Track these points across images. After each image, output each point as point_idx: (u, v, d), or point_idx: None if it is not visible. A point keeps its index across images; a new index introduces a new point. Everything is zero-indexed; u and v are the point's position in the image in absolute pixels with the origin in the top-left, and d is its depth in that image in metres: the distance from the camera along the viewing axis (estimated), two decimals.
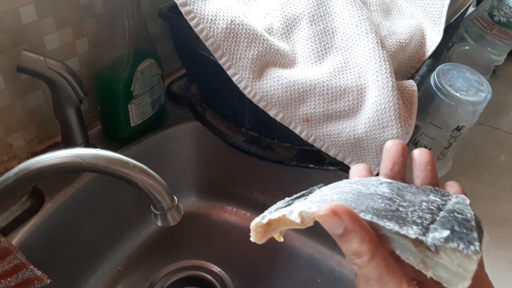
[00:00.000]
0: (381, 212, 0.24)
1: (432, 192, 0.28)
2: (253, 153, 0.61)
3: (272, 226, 0.27)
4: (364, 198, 0.26)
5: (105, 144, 0.62)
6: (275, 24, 0.57)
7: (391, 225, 0.23)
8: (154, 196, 0.44)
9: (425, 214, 0.24)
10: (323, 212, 0.24)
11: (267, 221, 0.27)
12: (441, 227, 0.23)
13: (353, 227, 0.24)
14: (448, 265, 0.22)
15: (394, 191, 0.27)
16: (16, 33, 0.51)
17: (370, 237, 0.24)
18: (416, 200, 0.26)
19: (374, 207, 0.25)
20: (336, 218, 0.24)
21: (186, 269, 0.67)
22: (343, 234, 0.24)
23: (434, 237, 0.22)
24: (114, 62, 0.57)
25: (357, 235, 0.24)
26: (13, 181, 0.42)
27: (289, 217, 0.26)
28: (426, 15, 0.63)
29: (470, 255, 0.22)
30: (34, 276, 0.42)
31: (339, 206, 0.24)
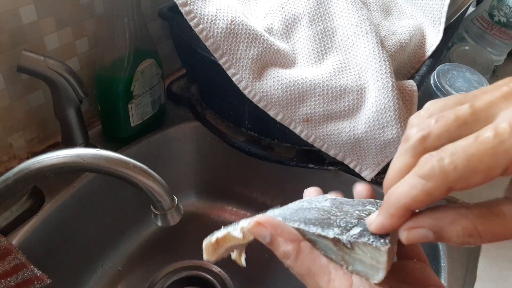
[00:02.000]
0: (310, 220, 0.27)
1: (371, 204, 0.29)
2: (253, 153, 0.61)
3: (220, 243, 0.30)
4: (302, 212, 0.28)
5: (105, 144, 0.62)
6: (275, 24, 0.57)
7: (314, 229, 0.26)
8: (154, 196, 0.44)
9: (352, 219, 0.26)
10: (251, 224, 0.27)
11: (215, 239, 0.30)
12: (358, 226, 0.25)
13: (276, 232, 0.26)
14: (363, 259, 0.24)
15: (334, 205, 0.29)
16: (16, 33, 0.51)
17: (292, 238, 0.26)
18: (351, 210, 0.28)
19: (307, 217, 0.27)
20: (261, 227, 0.27)
21: (186, 269, 0.67)
22: (271, 241, 0.26)
23: (349, 234, 0.25)
24: (114, 62, 0.57)
25: (281, 238, 0.26)
26: (13, 181, 0.42)
27: (233, 233, 0.29)
28: (426, 15, 0.63)
29: (379, 247, 0.24)
30: (34, 276, 0.42)
31: (264, 217, 0.27)
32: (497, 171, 0.20)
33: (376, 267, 0.24)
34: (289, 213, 0.29)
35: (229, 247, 0.30)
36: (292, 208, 0.30)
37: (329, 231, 0.25)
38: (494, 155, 0.19)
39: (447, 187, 0.21)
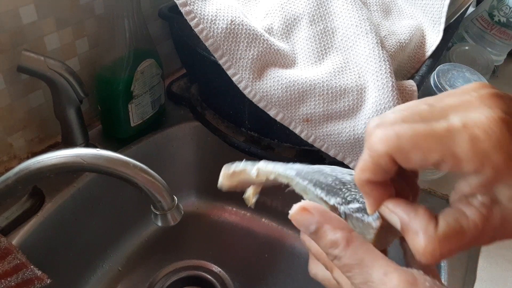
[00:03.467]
0: (321, 184, 0.27)
1: None
2: (253, 153, 0.61)
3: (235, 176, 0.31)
4: (318, 175, 0.28)
5: (105, 144, 0.62)
6: (275, 24, 0.57)
7: (319, 191, 0.26)
8: (154, 196, 0.44)
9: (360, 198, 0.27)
10: (295, 210, 0.25)
11: (232, 171, 0.31)
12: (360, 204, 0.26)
13: (324, 220, 0.25)
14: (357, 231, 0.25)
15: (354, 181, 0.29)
16: (16, 33, 0.51)
17: (342, 225, 0.25)
18: None
19: (319, 180, 0.27)
20: (307, 214, 0.25)
21: (186, 269, 0.67)
22: (317, 229, 0.25)
23: (347, 207, 0.25)
24: (114, 62, 0.57)
25: (329, 226, 0.24)
26: (13, 181, 0.42)
27: (249, 170, 0.30)
28: (426, 15, 0.63)
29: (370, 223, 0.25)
30: (34, 276, 0.42)
31: (309, 203, 0.26)
32: (435, 156, 0.21)
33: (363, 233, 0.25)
34: (305, 171, 0.28)
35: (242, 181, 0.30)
36: (312, 168, 0.30)
37: (332, 198, 0.26)
38: (439, 140, 0.21)
39: (389, 156, 0.22)
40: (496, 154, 0.20)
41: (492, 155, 0.20)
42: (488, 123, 0.20)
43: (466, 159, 0.20)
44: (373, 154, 0.23)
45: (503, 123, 0.20)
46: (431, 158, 0.21)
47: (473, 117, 0.21)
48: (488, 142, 0.20)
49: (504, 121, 0.20)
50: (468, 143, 0.20)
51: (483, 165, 0.20)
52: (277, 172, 0.29)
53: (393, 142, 0.22)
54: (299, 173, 0.28)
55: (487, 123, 0.20)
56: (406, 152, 0.21)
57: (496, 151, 0.20)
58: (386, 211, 0.24)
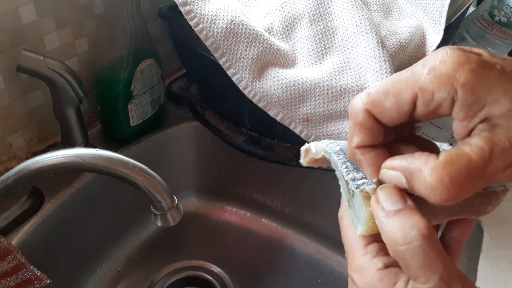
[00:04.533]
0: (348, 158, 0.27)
1: None
2: (253, 153, 0.61)
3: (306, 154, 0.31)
4: None
5: (105, 144, 0.62)
6: (275, 24, 0.57)
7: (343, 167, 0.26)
8: (154, 196, 0.44)
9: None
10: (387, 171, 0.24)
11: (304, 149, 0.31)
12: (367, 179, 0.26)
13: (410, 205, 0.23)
14: (357, 208, 0.25)
15: None
16: (16, 33, 0.51)
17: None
18: None
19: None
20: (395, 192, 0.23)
21: (186, 269, 0.67)
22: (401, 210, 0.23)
23: (355, 182, 0.25)
24: (114, 62, 0.57)
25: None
26: (13, 181, 0.42)
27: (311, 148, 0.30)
28: (426, 14, 0.63)
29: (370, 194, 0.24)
30: (33, 276, 0.42)
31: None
32: (407, 95, 0.22)
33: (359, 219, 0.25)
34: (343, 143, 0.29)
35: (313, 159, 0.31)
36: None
37: (350, 174, 0.26)
38: (405, 82, 0.22)
39: (365, 111, 0.23)
40: (458, 71, 0.21)
41: (455, 74, 0.21)
42: (442, 53, 0.22)
43: (435, 87, 0.21)
44: (353, 116, 0.24)
45: (456, 49, 0.22)
46: (404, 99, 0.22)
47: (430, 58, 0.22)
48: (445, 65, 0.21)
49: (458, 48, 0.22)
50: (429, 73, 0.22)
51: (452, 86, 0.21)
52: (323, 148, 0.29)
53: (366, 97, 0.23)
54: (342, 149, 0.28)
55: (441, 54, 0.22)
56: (379, 101, 0.23)
57: (457, 69, 0.21)
58: (386, 174, 0.23)
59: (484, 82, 0.21)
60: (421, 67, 0.22)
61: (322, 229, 0.67)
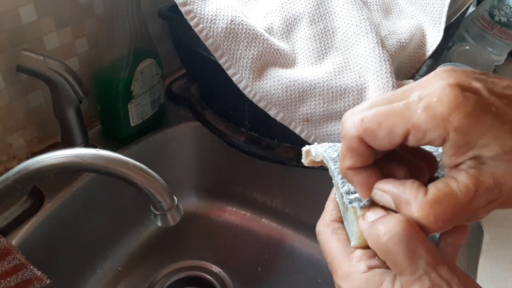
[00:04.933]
0: None
1: None
2: (253, 153, 0.61)
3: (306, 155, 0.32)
4: None
5: (105, 144, 0.62)
6: (275, 24, 0.57)
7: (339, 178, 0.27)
8: (154, 196, 0.44)
9: None
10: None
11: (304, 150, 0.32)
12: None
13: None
14: (350, 222, 0.26)
15: None
16: (16, 33, 0.51)
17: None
18: None
19: None
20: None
21: (186, 269, 0.67)
22: None
23: (348, 197, 0.26)
24: (114, 62, 0.57)
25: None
26: (13, 181, 0.42)
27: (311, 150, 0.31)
28: (426, 15, 0.63)
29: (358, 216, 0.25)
30: (33, 276, 0.42)
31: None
32: (399, 130, 0.22)
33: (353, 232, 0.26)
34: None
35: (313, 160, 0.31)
36: None
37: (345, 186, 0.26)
38: (399, 115, 0.22)
39: (358, 138, 0.23)
40: (453, 114, 0.21)
41: (449, 116, 0.21)
42: (440, 90, 0.21)
43: (428, 127, 0.21)
44: (345, 140, 0.24)
45: (454, 86, 0.21)
46: (396, 133, 0.22)
47: (428, 90, 0.22)
48: (441, 106, 0.21)
49: (456, 85, 0.21)
50: (424, 111, 0.21)
51: (445, 128, 0.21)
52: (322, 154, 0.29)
53: (359, 125, 0.23)
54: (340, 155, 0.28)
55: (439, 90, 0.21)
56: (372, 131, 0.23)
57: (453, 112, 0.21)
58: (377, 195, 0.25)
59: (477, 127, 0.21)
60: (416, 102, 0.22)
61: None
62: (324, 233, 0.28)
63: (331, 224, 0.28)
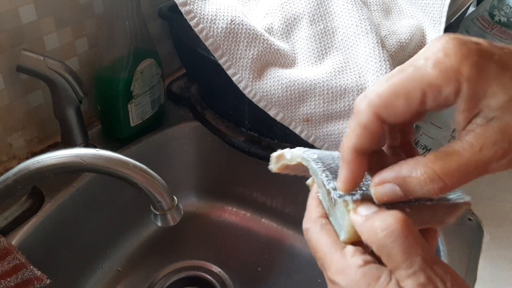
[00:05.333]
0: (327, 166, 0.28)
1: None
2: (253, 153, 0.61)
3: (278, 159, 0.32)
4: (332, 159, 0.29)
5: (105, 144, 0.62)
6: (275, 24, 0.57)
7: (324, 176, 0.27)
8: (154, 196, 0.44)
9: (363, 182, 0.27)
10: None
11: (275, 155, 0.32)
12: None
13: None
14: (339, 216, 0.26)
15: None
16: (16, 33, 0.51)
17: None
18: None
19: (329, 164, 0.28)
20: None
21: (186, 269, 0.67)
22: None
23: (337, 192, 0.26)
24: (113, 62, 0.57)
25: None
26: (13, 181, 0.42)
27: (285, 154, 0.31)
28: (426, 14, 0.63)
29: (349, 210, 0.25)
30: (33, 276, 0.42)
31: None
32: (416, 93, 0.22)
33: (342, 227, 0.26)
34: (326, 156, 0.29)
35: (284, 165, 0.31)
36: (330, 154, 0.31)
37: (331, 183, 0.26)
38: (411, 80, 0.22)
39: (375, 115, 0.23)
40: (461, 65, 0.21)
41: (459, 68, 0.21)
42: (444, 45, 0.22)
43: (442, 83, 0.21)
44: (360, 118, 0.24)
45: (455, 39, 0.22)
46: (413, 97, 0.22)
47: (431, 49, 0.22)
48: (449, 58, 0.21)
49: (455, 38, 0.22)
50: (435, 68, 0.22)
51: (458, 80, 0.21)
52: (302, 156, 0.29)
53: (376, 100, 0.23)
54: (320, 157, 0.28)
55: (442, 45, 0.22)
56: (389, 103, 0.23)
57: (461, 62, 0.21)
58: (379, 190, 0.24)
59: (484, 76, 0.21)
60: (423, 61, 0.22)
61: None
62: (312, 229, 0.28)
63: (318, 220, 0.28)
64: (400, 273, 0.22)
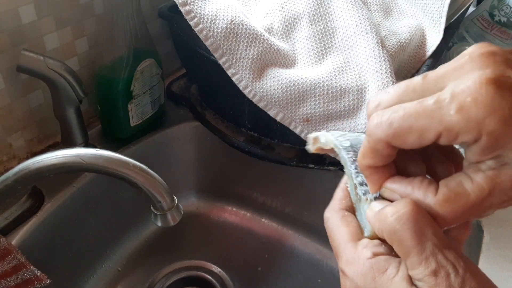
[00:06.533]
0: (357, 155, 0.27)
1: None
2: (253, 153, 0.61)
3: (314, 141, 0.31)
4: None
5: (105, 144, 0.62)
6: (275, 24, 0.57)
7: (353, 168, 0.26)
8: (154, 196, 0.44)
9: None
10: None
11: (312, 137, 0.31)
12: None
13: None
14: (362, 212, 0.26)
15: None
16: (16, 33, 0.51)
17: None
18: None
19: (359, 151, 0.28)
20: None
21: (186, 269, 0.67)
22: None
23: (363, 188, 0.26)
24: (114, 62, 0.57)
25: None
26: (13, 181, 0.42)
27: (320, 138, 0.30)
28: (426, 15, 0.63)
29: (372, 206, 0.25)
30: (33, 276, 0.42)
31: None
32: (430, 134, 0.21)
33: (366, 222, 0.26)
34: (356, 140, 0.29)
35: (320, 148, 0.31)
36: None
37: (359, 177, 0.26)
38: (429, 117, 0.20)
39: (385, 142, 0.22)
40: (488, 119, 0.19)
41: (484, 120, 0.19)
42: (475, 88, 0.19)
43: (461, 130, 0.20)
44: (370, 140, 0.23)
45: (491, 84, 0.19)
46: (427, 137, 0.21)
47: (461, 84, 0.20)
48: (476, 107, 0.19)
49: (493, 82, 0.19)
50: (458, 114, 0.20)
51: (480, 132, 0.20)
52: (334, 142, 0.29)
53: (387, 129, 0.22)
54: (352, 145, 0.28)
55: (473, 88, 0.19)
56: (401, 136, 0.22)
57: (488, 116, 0.19)
58: (386, 193, 0.25)
59: (509, 132, 0.20)
60: (449, 100, 0.20)
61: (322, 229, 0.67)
62: (333, 219, 0.28)
63: (340, 212, 0.28)
64: (410, 260, 0.22)
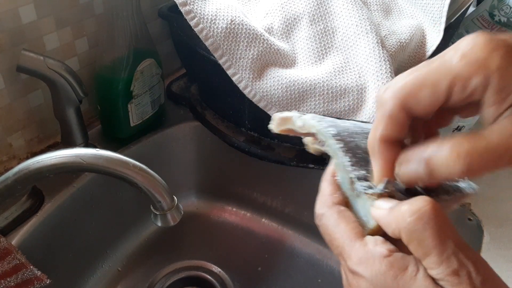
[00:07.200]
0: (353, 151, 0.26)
1: None
2: (253, 153, 0.61)
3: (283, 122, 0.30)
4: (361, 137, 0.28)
5: (105, 144, 0.62)
6: (275, 24, 0.57)
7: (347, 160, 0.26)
8: (154, 196, 0.44)
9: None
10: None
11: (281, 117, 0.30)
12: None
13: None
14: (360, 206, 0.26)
15: None
16: (16, 32, 0.51)
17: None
18: None
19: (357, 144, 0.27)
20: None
21: (186, 269, 0.67)
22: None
23: (362, 185, 0.25)
24: (113, 62, 0.57)
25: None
26: (13, 181, 0.42)
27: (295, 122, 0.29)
28: (426, 14, 0.63)
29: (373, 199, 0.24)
30: (33, 276, 0.42)
31: None
32: (442, 84, 0.22)
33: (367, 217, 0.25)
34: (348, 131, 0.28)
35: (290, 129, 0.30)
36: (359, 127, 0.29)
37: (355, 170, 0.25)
38: (438, 71, 0.22)
39: (402, 105, 0.23)
40: (491, 56, 0.21)
41: (488, 58, 0.21)
42: (472, 39, 0.22)
43: (470, 73, 0.21)
44: (385, 108, 0.23)
45: (483, 35, 0.22)
46: (440, 89, 0.22)
47: (459, 44, 0.23)
48: (477, 50, 0.21)
49: (484, 34, 0.22)
50: (462, 60, 0.22)
51: (487, 70, 0.21)
52: (317, 128, 0.28)
53: (401, 90, 0.23)
54: (339, 132, 0.27)
55: (470, 39, 0.22)
56: (415, 93, 0.23)
57: (490, 54, 0.21)
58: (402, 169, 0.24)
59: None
60: (452, 53, 0.22)
61: None
62: (328, 215, 0.26)
63: (335, 207, 0.26)
64: (430, 259, 0.21)
